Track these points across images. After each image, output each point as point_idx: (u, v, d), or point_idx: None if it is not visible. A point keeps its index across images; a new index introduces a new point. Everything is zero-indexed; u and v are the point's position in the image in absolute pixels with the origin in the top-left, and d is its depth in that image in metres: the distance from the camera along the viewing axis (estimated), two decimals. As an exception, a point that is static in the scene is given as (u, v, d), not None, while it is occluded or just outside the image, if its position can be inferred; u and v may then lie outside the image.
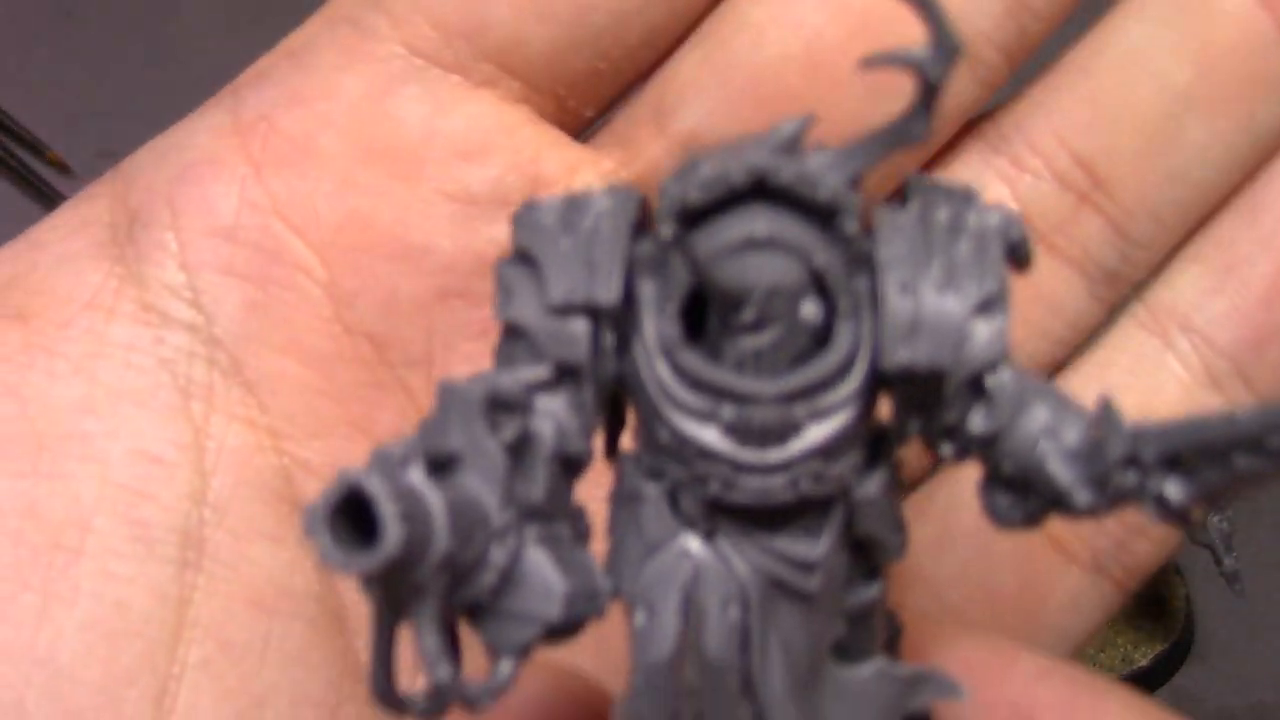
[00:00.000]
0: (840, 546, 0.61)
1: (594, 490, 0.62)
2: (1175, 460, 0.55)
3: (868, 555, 0.62)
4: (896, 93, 0.60)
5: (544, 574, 0.56)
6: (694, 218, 0.58)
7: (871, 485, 0.60)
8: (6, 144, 2.03)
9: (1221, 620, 1.39)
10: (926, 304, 0.57)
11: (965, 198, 0.59)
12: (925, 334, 0.57)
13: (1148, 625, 1.36)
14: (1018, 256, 0.60)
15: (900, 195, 0.60)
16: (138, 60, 2.25)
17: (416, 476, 0.52)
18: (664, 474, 0.59)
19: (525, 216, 0.60)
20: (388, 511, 0.48)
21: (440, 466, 0.54)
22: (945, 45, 0.56)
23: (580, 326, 0.58)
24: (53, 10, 2.36)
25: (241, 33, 2.30)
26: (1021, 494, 0.59)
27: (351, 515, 0.48)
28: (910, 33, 0.57)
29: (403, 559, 0.48)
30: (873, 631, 0.64)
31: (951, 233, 0.59)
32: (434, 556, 0.51)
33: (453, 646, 0.56)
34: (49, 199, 1.95)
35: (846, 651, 0.64)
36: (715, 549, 0.59)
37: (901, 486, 0.63)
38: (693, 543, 0.59)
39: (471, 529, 0.54)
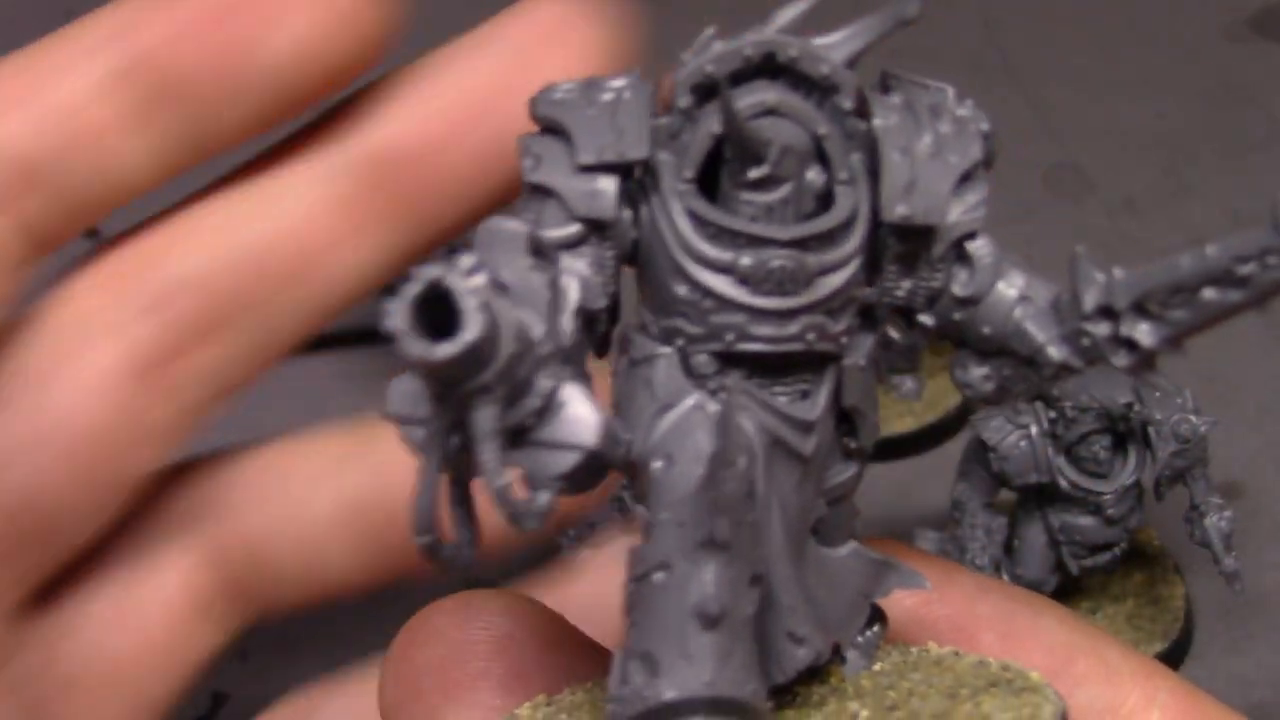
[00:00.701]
0: (830, 414, 0.66)
1: None
2: (1145, 304, 0.62)
3: (848, 432, 0.67)
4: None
5: (582, 405, 0.60)
6: (708, 91, 0.63)
7: (860, 352, 0.66)
8: (7, 144, 2.03)
9: (1221, 620, 1.39)
10: (921, 167, 0.64)
11: (940, 90, 0.67)
12: (920, 192, 0.64)
13: (1147, 625, 1.36)
14: (989, 150, 0.69)
15: (884, 86, 0.67)
16: (138, 60, 2.25)
17: (484, 282, 0.54)
18: (677, 333, 0.64)
19: (545, 95, 0.65)
20: (470, 302, 0.51)
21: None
22: None
23: (609, 184, 0.64)
24: (53, 10, 2.36)
25: (241, 32, 2.30)
26: (995, 362, 0.66)
27: (424, 316, 0.51)
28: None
29: (481, 349, 0.52)
30: (848, 517, 0.69)
31: (934, 114, 0.66)
32: (501, 357, 0.54)
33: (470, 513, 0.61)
34: (49, 199, 1.95)
35: (823, 535, 0.68)
36: (726, 405, 0.63)
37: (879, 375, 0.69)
38: (704, 398, 0.64)
39: (524, 347, 0.57)
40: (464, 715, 0.67)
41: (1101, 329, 0.64)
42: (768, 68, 0.64)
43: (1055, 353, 0.65)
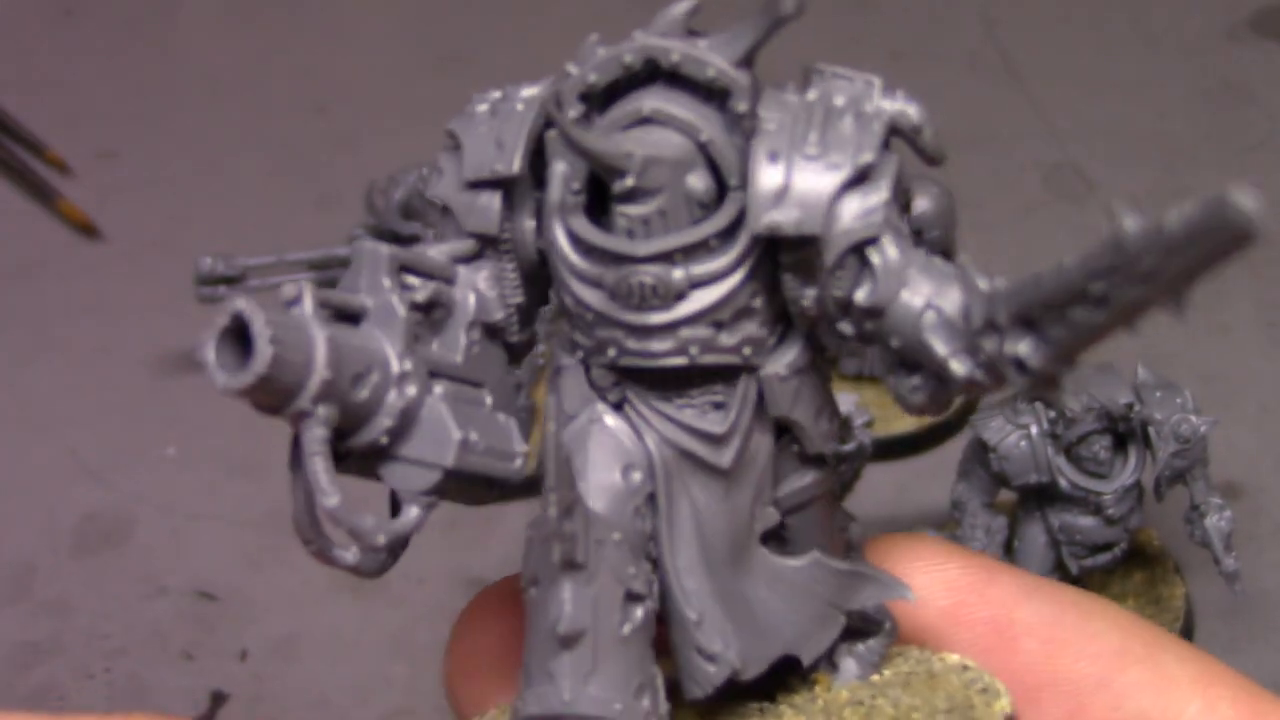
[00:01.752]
0: (760, 428, 0.64)
1: None
2: (1028, 321, 0.58)
3: (797, 442, 0.65)
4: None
5: (441, 423, 0.61)
6: (600, 98, 0.62)
7: (779, 363, 0.64)
8: (6, 144, 2.03)
9: (1221, 620, 1.39)
10: (796, 171, 0.60)
11: (868, 83, 0.63)
12: (793, 199, 0.60)
13: (1148, 625, 1.36)
14: (920, 145, 0.64)
15: (804, 80, 0.63)
16: (138, 60, 2.25)
17: (304, 311, 0.57)
18: (578, 346, 0.64)
19: (464, 108, 0.67)
20: (261, 333, 0.55)
21: (349, 318, 0.60)
22: None
23: (490, 199, 0.64)
24: (53, 10, 2.37)
25: (241, 33, 2.30)
26: (924, 373, 0.62)
27: (241, 345, 0.56)
28: None
29: (275, 378, 0.55)
30: (815, 525, 0.67)
31: (839, 111, 0.62)
32: (313, 383, 0.56)
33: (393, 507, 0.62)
34: (49, 199, 1.95)
35: (787, 544, 0.67)
36: (627, 418, 0.64)
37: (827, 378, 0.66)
38: (602, 410, 0.64)
39: (365, 370, 0.59)
40: (511, 697, 0.67)
41: (990, 344, 0.59)
42: (658, 73, 0.62)
43: (958, 367, 0.60)
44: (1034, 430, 1.28)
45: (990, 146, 1.99)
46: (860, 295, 0.61)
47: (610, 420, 0.64)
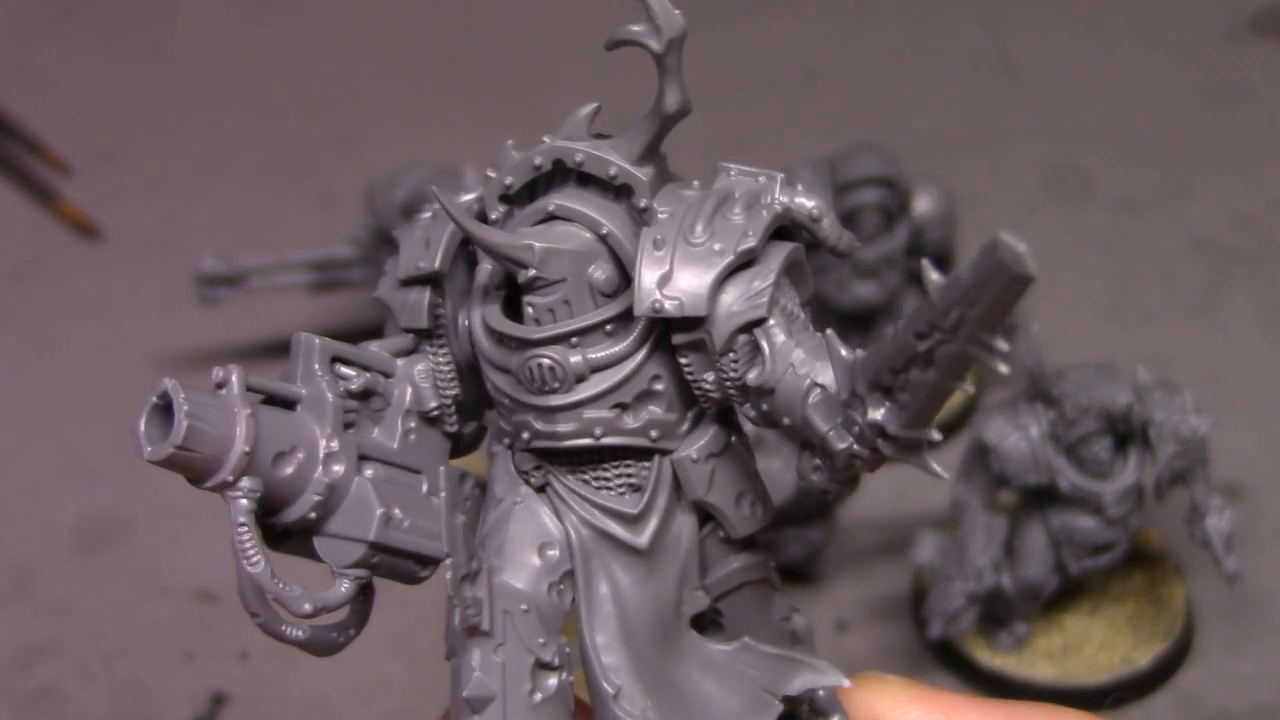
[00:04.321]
0: (681, 510, 0.67)
1: None
2: (882, 387, 0.59)
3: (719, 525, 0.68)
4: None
5: (365, 500, 0.64)
6: (521, 199, 0.66)
7: (691, 447, 0.66)
8: (6, 144, 2.03)
9: (1221, 620, 1.39)
10: (679, 258, 0.63)
11: (770, 178, 0.66)
12: (676, 284, 0.63)
13: (1148, 626, 1.36)
14: (820, 236, 0.66)
15: (713, 175, 0.68)
16: (138, 59, 2.25)
17: (232, 391, 0.62)
18: (503, 432, 0.68)
19: (412, 219, 0.71)
20: (180, 408, 0.60)
21: (283, 403, 0.64)
22: (661, 20, 0.66)
23: (419, 295, 0.69)
24: (53, 10, 2.37)
25: (242, 33, 2.30)
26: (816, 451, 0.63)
27: (168, 420, 0.60)
28: None
29: (192, 451, 0.60)
30: (749, 612, 0.69)
31: (732, 202, 0.65)
32: (232, 457, 0.61)
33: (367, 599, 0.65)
34: (49, 199, 1.95)
35: (723, 629, 0.69)
36: (548, 499, 0.67)
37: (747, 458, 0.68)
38: (525, 493, 0.67)
39: (289, 448, 0.63)
40: None
41: (856, 414, 0.60)
42: (568, 173, 0.66)
43: (838, 442, 0.60)
44: (1034, 431, 1.28)
45: (990, 146, 1.99)
46: (751, 376, 0.63)
47: (532, 502, 0.67)
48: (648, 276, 0.63)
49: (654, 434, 0.66)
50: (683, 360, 0.65)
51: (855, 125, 1.94)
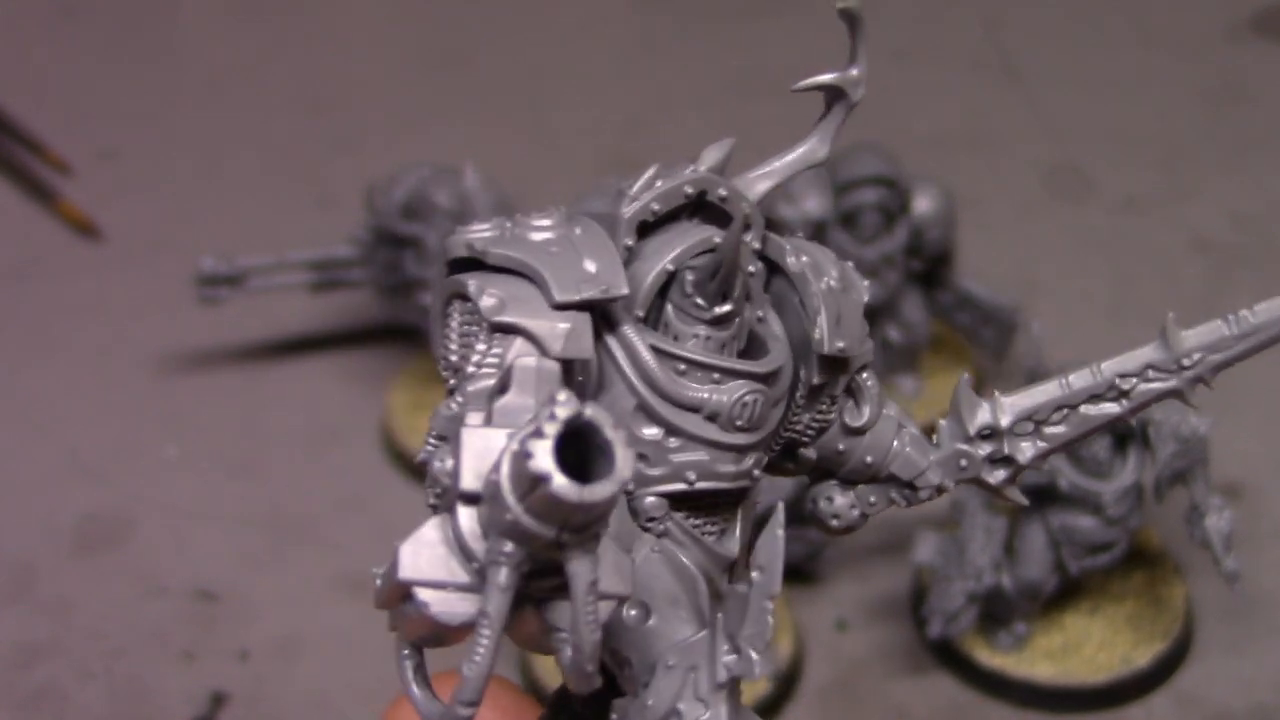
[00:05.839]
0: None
1: None
2: (1035, 423, 0.67)
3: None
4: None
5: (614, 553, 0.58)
6: (646, 227, 0.64)
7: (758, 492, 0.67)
8: (6, 144, 2.03)
9: (1221, 620, 1.39)
10: (837, 302, 0.66)
11: (803, 237, 0.69)
12: (845, 326, 0.65)
13: (1148, 626, 1.36)
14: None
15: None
16: (138, 60, 2.25)
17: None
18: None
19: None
20: (619, 438, 0.50)
21: None
22: (862, 69, 0.66)
23: (582, 323, 0.63)
24: (53, 10, 2.37)
25: (241, 33, 2.30)
26: (861, 490, 0.70)
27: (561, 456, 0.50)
28: None
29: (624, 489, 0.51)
30: None
31: (821, 255, 0.67)
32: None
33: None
34: (49, 199, 1.95)
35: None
36: (664, 549, 0.64)
37: None
38: (655, 543, 0.64)
39: None
40: None
41: (983, 449, 0.68)
42: (698, 205, 0.65)
43: (934, 477, 0.69)
44: (1034, 430, 1.28)
45: (990, 146, 1.99)
46: (849, 417, 0.67)
47: (659, 550, 0.65)
48: (829, 319, 0.65)
49: (756, 475, 0.66)
50: (797, 402, 0.66)
51: (855, 125, 1.93)
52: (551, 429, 0.49)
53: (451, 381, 0.62)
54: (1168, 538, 1.41)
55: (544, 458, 0.49)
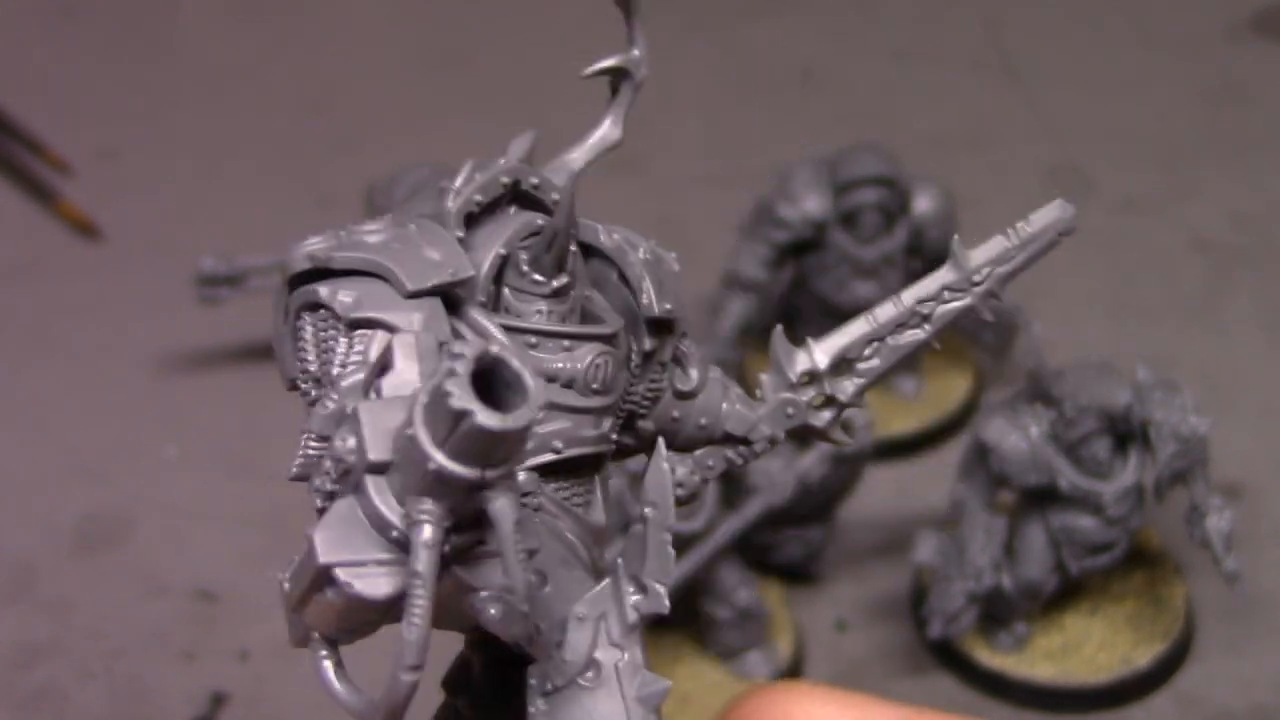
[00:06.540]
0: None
1: None
2: (847, 361, 0.70)
3: None
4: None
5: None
6: (471, 218, 0.66)
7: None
8: (6, 144, 2.03)
9: (1221, 620, 1.39)
10: (654, 270, 0.68)
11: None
12: (667, 290, 0.67)
13: (1148, 626, 1.36)
14: None
15: None
16: (138, 60, 2.25)
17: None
18: None
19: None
20: (526, 369, 0.51)
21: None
22: (642, 49, 0.69)
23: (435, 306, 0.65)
24: (53, 10, 2.37)
25: (241, 33, 2.30)
26: (698, 456, 0.71)
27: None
28: None
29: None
30: None
31: (643, 239, 0.69)
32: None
33: None
34: (49, 199, 1.95)
35: None
36: (542, 520, 0.65)
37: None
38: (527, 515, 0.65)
39: None
40: None
41: (806, 394, 0.70)
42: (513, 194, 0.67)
43: (766, 428, 0.70)
44: (1034, 431, 1.28)
45: (990, 146, 1.99)
46: (680, 382, 0.69)
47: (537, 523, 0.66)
48: (652, 284, 0.67)
49: (613, 439, 0.67)
50: (633, 370, 0.68)
51: (855, 125, 1.94)
52: (463, 366, 0.50)
53: (314, 391, 0.64)
54: (1168, 538, 1.41)
55: (464, 394, 0.50)
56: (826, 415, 0.71)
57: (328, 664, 0.59)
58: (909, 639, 1.38)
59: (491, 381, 0.51)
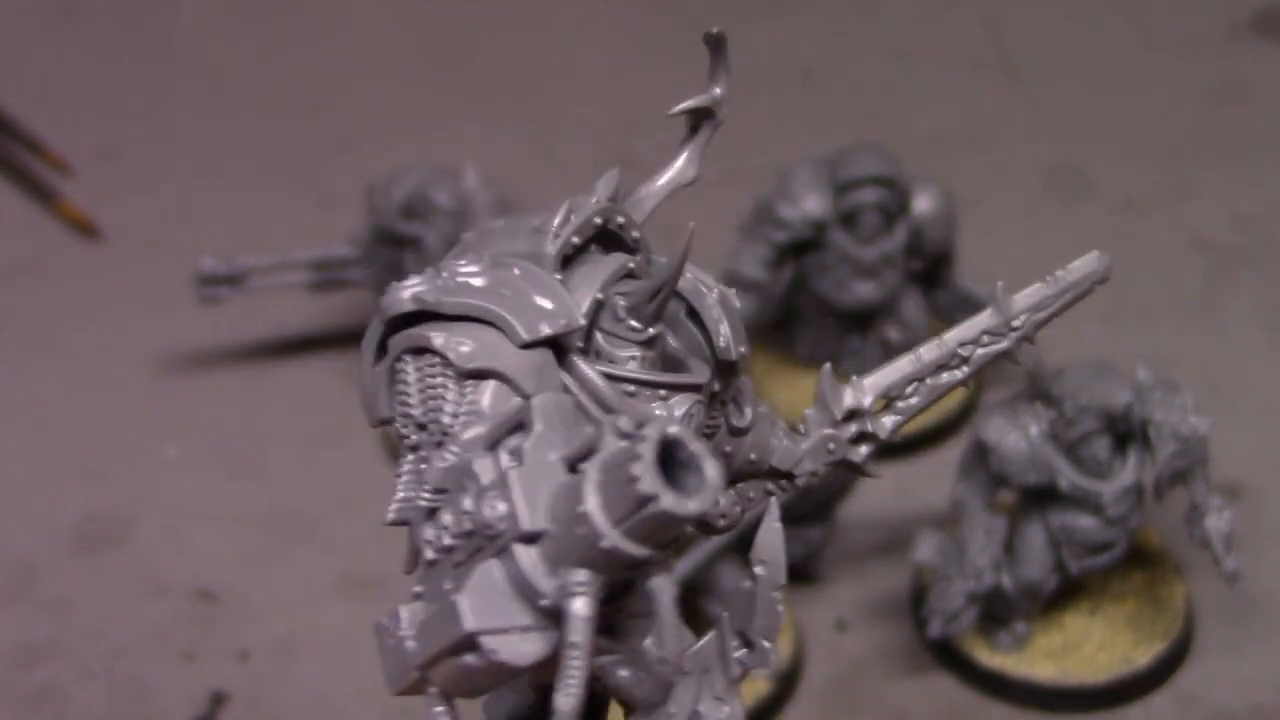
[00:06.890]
0: None
1: None
2: (890, 399, 0.73)
3: None
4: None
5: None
6: (566, 260, 0.65)
7: None
8: (6, 144, 2.03)
9: (1221, 620, 1.39)
10: (723, 313, 0.68)
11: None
12: (736, 333, 0.68)
13: (1148, 625, 1.36)
14: None
15: None
16: (138, 60, 2.25)
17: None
18: None
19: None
20: (702, 449, 0.52)
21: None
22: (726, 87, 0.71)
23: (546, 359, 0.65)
24: (53, 10, 2.37)
25: (241, 33, 2.30)
26: (740, 487, 0.72)
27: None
28: None
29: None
30: None
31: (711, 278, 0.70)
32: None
33: None
34: (49, 199, 1.95)
35: None
36: None
37: None
38: None
39: None
40: None
41: (848, 430, 0.73)
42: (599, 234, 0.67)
43: (810, 463, 0.73)
44: (1034, 430, 1.28)
45: (990, 146, 1.99)
46: (735, 418, 0.70)
47: None
48: (728, 329, 0.67)
49: None
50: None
51: (855, 125, 1.94)
52: (648, 450, 0.50)
53: (415, 437, 0.64)
54: (1168, 538, 1.41)
55: (652, 479, 0.50)
56: (864, 450, 0.74)
57: None
58: (909, 639, 1.38)
59: (666, 461, 0.51)
